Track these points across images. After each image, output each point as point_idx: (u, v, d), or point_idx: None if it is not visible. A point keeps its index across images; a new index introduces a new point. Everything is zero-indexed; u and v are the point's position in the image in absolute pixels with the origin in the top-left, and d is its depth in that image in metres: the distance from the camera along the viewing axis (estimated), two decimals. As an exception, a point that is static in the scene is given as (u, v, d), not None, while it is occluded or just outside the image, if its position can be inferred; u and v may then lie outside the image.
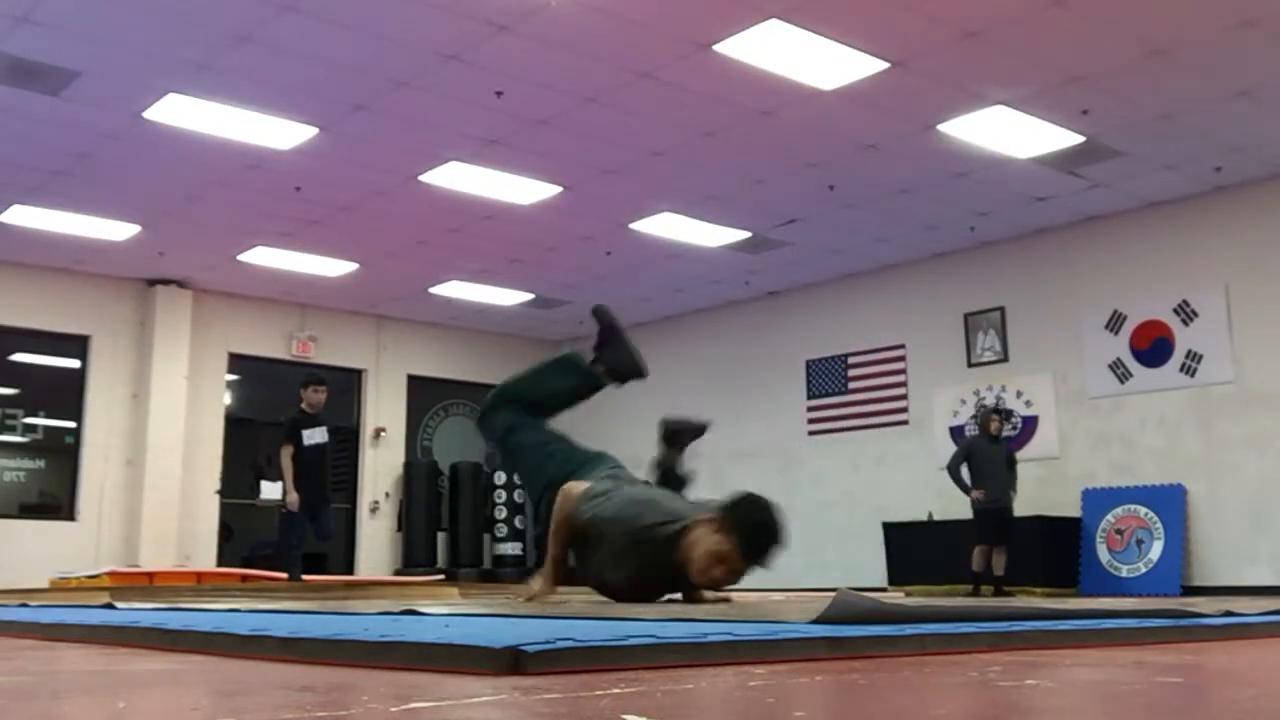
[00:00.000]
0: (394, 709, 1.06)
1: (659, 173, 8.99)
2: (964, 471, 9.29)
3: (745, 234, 10.56)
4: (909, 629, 1.72)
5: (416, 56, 7.04)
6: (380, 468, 13.46)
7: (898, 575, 10.33)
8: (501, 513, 13.88)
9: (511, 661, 1.31)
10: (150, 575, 9.26)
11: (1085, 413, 10.16)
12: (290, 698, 1.18)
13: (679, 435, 4.41)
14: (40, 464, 11.92)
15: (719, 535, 3.62)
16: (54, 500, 11.74)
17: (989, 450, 9.35)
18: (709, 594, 3.91)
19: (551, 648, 1.33)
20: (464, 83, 7.38)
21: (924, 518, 10.44)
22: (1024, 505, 9.88)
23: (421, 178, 9.08)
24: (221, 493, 12.24)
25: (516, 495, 13.99)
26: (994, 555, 9.19)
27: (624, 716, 0.99)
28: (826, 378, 12.11)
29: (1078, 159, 8.76)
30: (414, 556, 13.21)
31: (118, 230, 10.31)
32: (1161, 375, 9.69)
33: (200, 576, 9.46)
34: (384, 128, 8.11)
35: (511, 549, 13.85)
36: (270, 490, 11.54)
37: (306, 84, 7.42)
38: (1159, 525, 9.49)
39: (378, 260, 11.35)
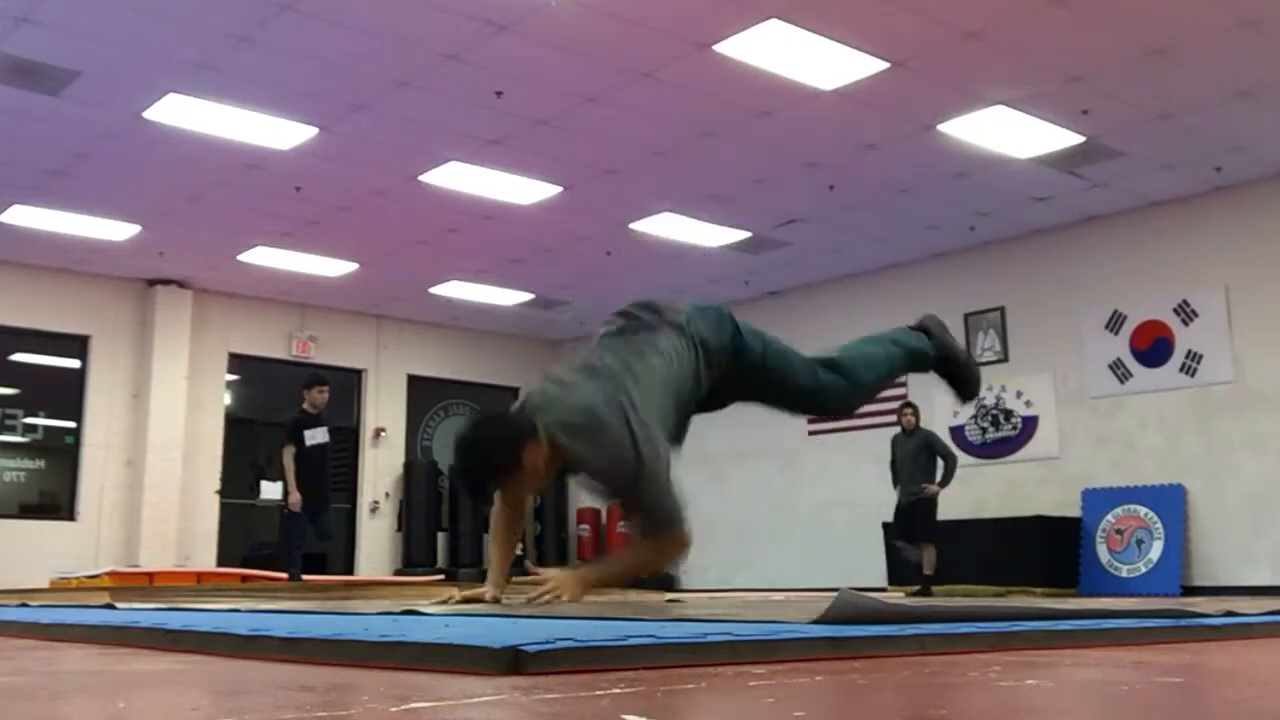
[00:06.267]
0: (394, 709, 1.06)
1: (659, 173, 8.99)
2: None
3: (745, 234, 10.56)
4: (909, 629, 1.72)
5: (416, 56, 7.04)
6: (380, 468, 13.46)
7: (898, 575, 10.33)
8: (501, 513, 13.86)
9: (511, 661, 1.31)
10: (150, 575, 9.27)
11: (1085, 413, 10.16)
12: (290, 698, 1.18)
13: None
14: (40, 464, 11.92)
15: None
16: (54, 500, 11.74)
17: (903, 444, 9.42)
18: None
19: (551, 648, 1.33)
20: (464, 83, 7.38)
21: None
22: (1024, 505, 9.88)
23: (421, 178, 9.08)
24: (221, 493, 12.24)
25: (516, 495, 13.97)
26: (922, 552, 9.20)
27: (624, 717, 0.99)
28: (826, 378, 12.09)
29: (1078, 159, 8.76)
30: (414, 556, 13.21)
31: (118, 230, 10.31)
32: (1161, 375, 9.69)
33: (200, 576, 9.46)
34: (384, 128, 8.11)
35: (511, 549, 13.84)
36: (270, 490, 11.54)
37: (306, 84, 7.42)
38: (1159, 525, 9.49)
39: (378, 260, 11.35)
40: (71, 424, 11.73)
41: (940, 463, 9.27)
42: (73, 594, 6.74)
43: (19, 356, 11.82)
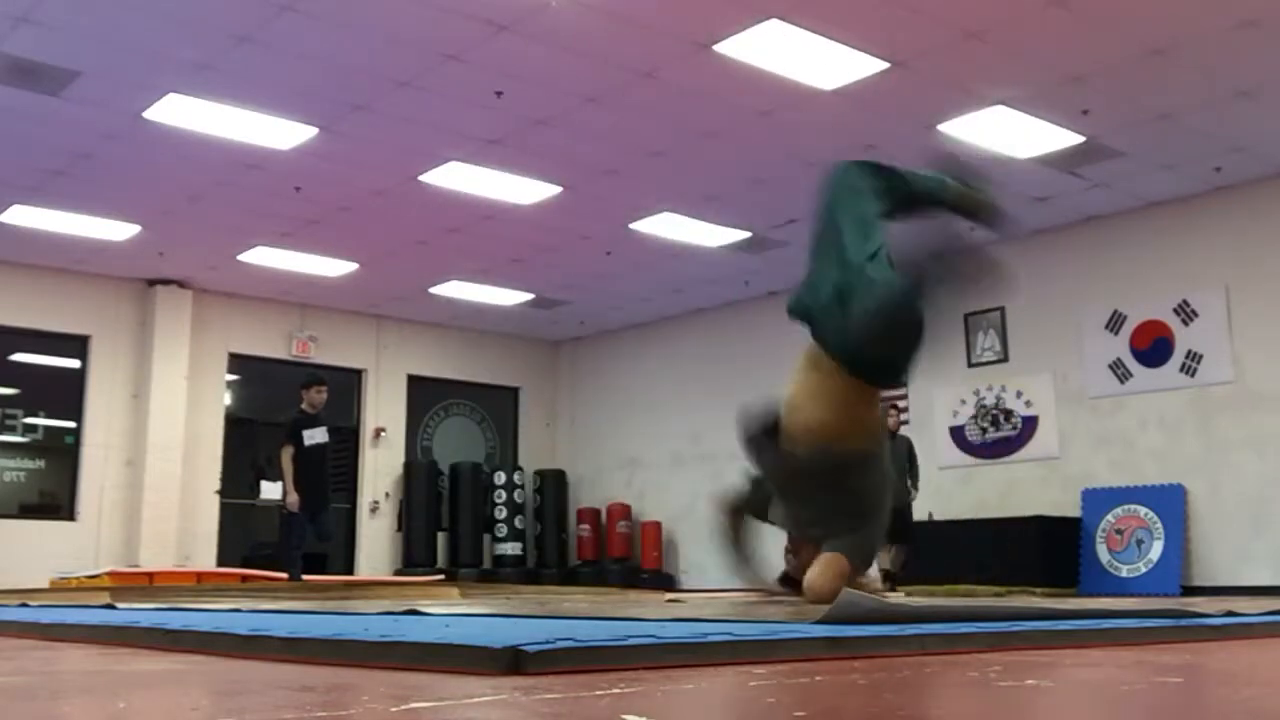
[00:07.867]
0: (394, 709, 1.06)
1: (659, 173, 8.99)
2: None
3: (745, 234, 10.56)
4: (909, 629, 1.72)
5: (416, 56, 7.04)
6: (380, 468, 13.46)
7: (898, 575, 10.33)
8: (501, 513, 13.87)
9: (511, 661, 1.31)
10: (150, 575, 9.27)
11: (1085, 413, 10.15)
12: (290, 698, 1.18)
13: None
14: (40, 464, 11.92)
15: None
16: (54, 500, 11.74)
17: (887, 446, 9.39)
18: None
19: (551, 648, 1.33)
20: (464, 83, 7.38)
21: (924, 518, 10.44)
22: (1024, 505, 9.87)
23: (421, 178, 9.08)
24: (221, 493, 12.24)
25: (516, 495, 13.98)
26: (897, 552, 9.30)
27: (624, 717, 0.99)
28: (826, 378, 12.09)
29: (1078, 159, 8.75)
30: (414, 556, 13.21)
31: (118, 230, 10.31)
32: (1161, 375, 9.69)
33: (200, 576, 9.47)
34: (384, 128, 8.11)
35: (511, 549, 13.85)
36: (270, 490, 11.54)
37: (306, 84, 7.42)
38: (1159, 525, 9.49)
39: (378, 260, 11.34)
40: (71, 424, 11.73)
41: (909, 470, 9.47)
42: (73, 594, 6.75)
43: (19, 356, 11.82)
